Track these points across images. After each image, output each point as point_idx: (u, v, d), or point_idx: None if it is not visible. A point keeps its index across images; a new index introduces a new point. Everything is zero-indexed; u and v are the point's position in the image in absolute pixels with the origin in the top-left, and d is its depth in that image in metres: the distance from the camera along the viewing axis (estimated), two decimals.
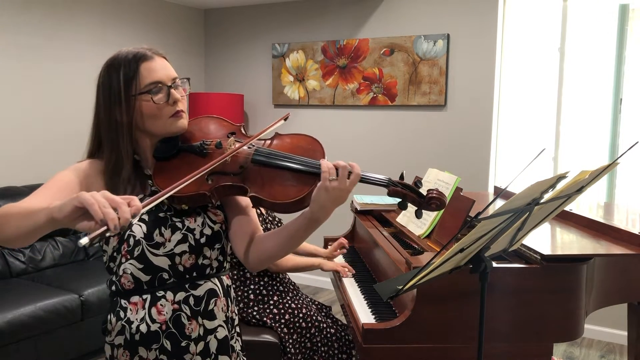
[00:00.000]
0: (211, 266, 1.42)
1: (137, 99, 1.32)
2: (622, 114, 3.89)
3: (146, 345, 1.36)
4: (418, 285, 1.45)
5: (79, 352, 3.44)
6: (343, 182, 1.24)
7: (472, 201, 2.12)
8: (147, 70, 1.33)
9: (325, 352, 2.55)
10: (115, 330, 1.38)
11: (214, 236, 1.41)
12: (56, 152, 4.26)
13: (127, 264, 1.34)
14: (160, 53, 1.39)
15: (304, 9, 4.97)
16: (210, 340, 1.41)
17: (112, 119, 1.33)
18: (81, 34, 4.41)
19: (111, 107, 1.33)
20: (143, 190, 1.38)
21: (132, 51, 1.36)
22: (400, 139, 4.59)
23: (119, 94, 1.32)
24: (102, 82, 1.35)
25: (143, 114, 1.33)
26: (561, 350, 3.75)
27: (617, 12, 3.87)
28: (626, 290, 2.22)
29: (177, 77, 1.38)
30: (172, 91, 1.34)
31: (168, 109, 1.34)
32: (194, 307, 1.38)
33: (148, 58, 1.35)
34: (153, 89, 1.33)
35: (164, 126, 1.35)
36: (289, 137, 1.43)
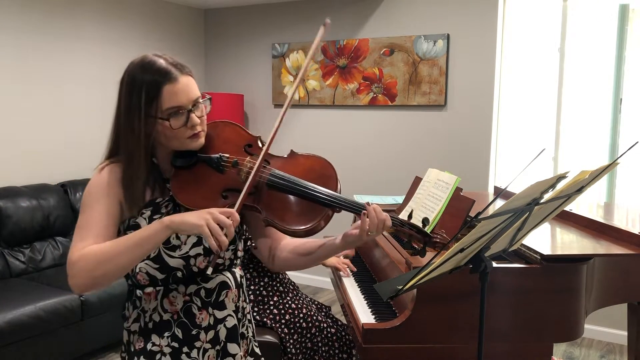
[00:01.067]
0: (224, 264, 1.48)
1: (157, 121, 1.34)
2: (622, 114, 3.89)
3: (159, 332, 1.42)
4: (418, 285, 1.45)
5: (79, 352, 3.44)
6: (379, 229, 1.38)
7: (472, 201, 2.12)
8: (169, 94, 1.33)
9: (326, 352, 2.55)
10: (131, 317, 1.46)
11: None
12: (56, 152, 4.26)
13: (143, 263, 1.39)
14: (185, 71, 1.38)
15: (304, 9, 4.97)
16: (220, 329, 1.46)
17: (130, 129, 1.36)
18: (81, 34, 4.40)
19: (131, 117, 1.35)
20: (162, 194, 1.42)
21: (157, 64, 1.35)
22: (400, 139, 4.59)
23: (139, 109, 1.34)
24: (126, 90, 1.36)
25: (161, 133, 1.36)
26: (561, 350, 3.75)
27: (617, 12, 3.87)
28: (626, 290, 2.22)
29: (199, 97, 1.39)
30: (192, 115, 1.36)
31: (186, 131, 1.37)
32: (205, 298, 1.44)
33: (172, 79, 1.34)
34: (173, 112, 1.34)
35: (181, 145, 1.39)
36: (304, 159, 1.46)
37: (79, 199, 4.11)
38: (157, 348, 1.42)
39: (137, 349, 1.43)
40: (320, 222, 1.35)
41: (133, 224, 1.38)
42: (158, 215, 1.39)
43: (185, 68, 1.39)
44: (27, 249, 3.80)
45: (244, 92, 5.29)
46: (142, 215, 1.38)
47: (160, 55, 1.38)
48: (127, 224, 1.39)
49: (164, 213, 1.39)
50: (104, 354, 3.63)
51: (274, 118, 5.48)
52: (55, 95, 4.25)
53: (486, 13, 4.15)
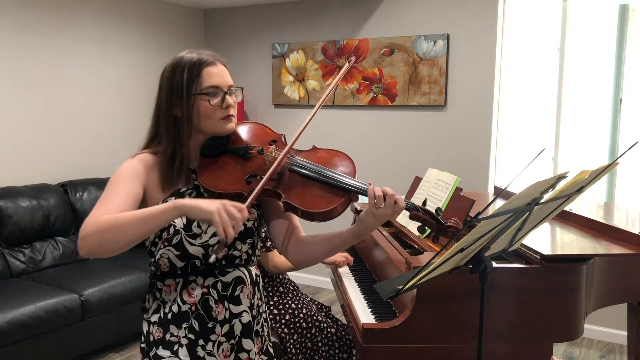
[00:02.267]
0: (240, 257, 1.53)
1: (196, 97, 1.46)
2: (622, 114, 3.89)
3: (177, 323, 1.48)
4: (418, 285, 1.45)
5: (79, 352, 3.44)
6: (389, 209, 1.38)
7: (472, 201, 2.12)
8: (209, 74, 1.48)
9: (326, 352, 2.55)
10: (151, 309, 1.53)
11: (247, 232, 1.53)
12: (57, 151, 4.26)
13: (165, 249, 1.46)
14: (222, 60, 1.54)
15: (304, 9, 4.97)
16: (235, 324, 1.52)
17: (172, 114, 1.48)
18: (81, 34, 4.41)
19: (172, 103, 1.47)
20: (187, 183, 1.50)
21: (196, 55, 1.50)
22: (400, 139, 4.59)
23: (181, 91, 1.46)
24: (167, 78, 1.49)
25: (199, 112, 1.47)
26: (561, 350, 3.75)
27: (617, 12, 3.87)
28: (626, 290, 2.22)
29: (233, 85, 1.53)
30: (227, 97, 1.49)
31: (221, 111, 1.48)
32: (222, 292, 1.50)
33: (211, 63, 1.50)
34: (211, 91, 1.47)
35: (214, 126, 1.49)
36: (325, 152, 1.57)
37: (79, 199, 4.12)
38: (175, 339, 1.48)
39: (156, 339, 1.49)
40: (337, 206, 1.41)
41: None
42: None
43: (222, 59, 1.55)
44: (27, 249, 3.80)
45: (244, 92, 5.29)
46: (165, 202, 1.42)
47: (199, 50, 1.53)
48: None
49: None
50: (104, 354, 3.63)
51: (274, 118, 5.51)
52: (55, 95, 4.25)
53: (486, 13, 4.15)
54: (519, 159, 4.25)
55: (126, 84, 4.78)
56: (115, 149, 4.63)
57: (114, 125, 4.68)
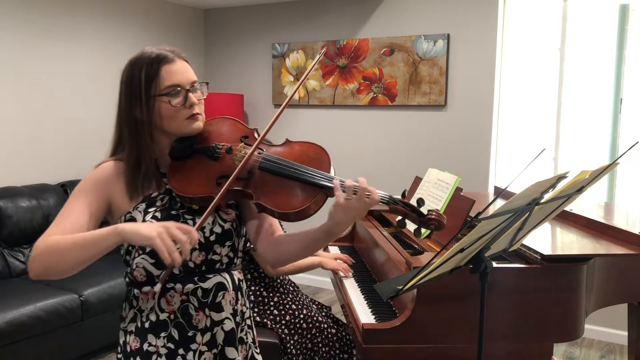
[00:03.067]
0: (221, 262, 1.46)
1: (155, 99, 1.38)
2: (622, 114, 3.89)
3: (155, 333, 1.41)
4: (418, 285, 1.45)
5: (79, 352, 3.44)
6: (361, 202, 1.29)
7: (472, 201, 2.12)
8: (168, 73, 1.39)
9: (327, 352, 2.55)
10: (128, 317, 1.45)
11: (224, 234, 1.45)
12: (57, 151, 4.26)
13: (140, 258, 1.40)
14: (182, 56, 1.45)
15: (304, 9, 4.97)
16: (217, 332, 1.44)
17: (132, 117, 1.40)
18: (82, 34, 4.40)
19: (132, 105, 1.39)
20: (158, 188, 1.43)
21: (155, 52, 1.42)
22: (400, 139, 4.59)
23: (139, 93, 1.38)
24: (125, 80, 1.41)
25: (161, 114, 1.39)
26: (561, 350, 3.75)
27: (617, 12, 3.87)
28: (626, 290, 2.22)
29: (196, 81, 1.43)
30: (190, 95, 1.40)
31: (185, 111, 1.40)
32: (202, 299, 1.42)
33: (169, 60, 1.40)
34: (171, 91, 1.38)
35: (179, 127, 1.41)
36: (298, 145, 1.47)
37: None
38: (154, 349, 1.41)
39: (133, 349, 1.42)
40: (311, 205, 1.33)
41: (129, 217, 1.39)
42: (153, 207, 1.39)
43: (182, 54, 1.46)
44: (27, 249, 3.80)
45: (244, 92, 5.29)
46: (137, 209, 1.39)
47: (158, 47, 1.45)
48: (123, 219, 1.40)
49: (159, 205, 1.40)
50: (104, 354, 3.63)
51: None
52: (55, 95, 4.25)
53: (486, 13, 4.15)
54: (519, 159, 4.25)
55: None
56: None
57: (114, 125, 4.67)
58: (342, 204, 1.29)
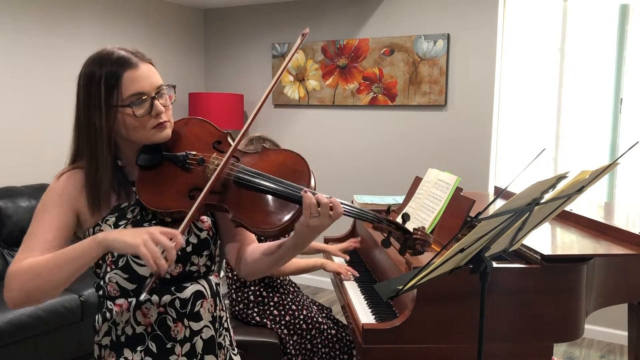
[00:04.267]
0: (199, 271, 1.40)
1: (118, 110, 1.27)
2: (622, 114, 3.89)
3: (131, 346, 1.34)
4: (418, 285, 1.45)
5: (79, 352, 3.44)
6: (325, 218, 1.21)
7: (472, 201, 2.12)
8: (130, 80, 1.27)
9: (326, 353, 2.54)
10: (102, 330, 1.37)
11: (201, 244, 1.38)
12: (56, 151, 4.25)
13: (112, 273, 1.32)
14: (146, 58, 1.33)
15: (304, 9, 4.97)
16: (197, 342, 1.38)
17: (91, 124, 1.28)
18: (81, 34, 4.40)
19: (90, 113, 1.28)
20: (128, 198, 1.34)
21: (115, 54, 1.30)
22: (400, 139, 4.59)
23: (99, 101, 1.26)
24: (83, 84, 1.31)
25: (125, 125, 1.28)
26: (561, 350, 3.75)
27: (617, 12, 3.87)
28: (626, 290, 2.22)
29: (163, 85, 1.32)
30: (156, 102, 1.29)
31: (151, 121, 1.29)
32: (180, 309, 1.35)
33: (132, 66, 1.28)
34: (135, 100, 1.27)
35: (145, 137, 1.31)
36: (276, 154, 1.36)
37: None
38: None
39: None
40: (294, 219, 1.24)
41: (98, 231, 1.30)
42: (124, 220, 1.31)
43: (146, 56, 1.34)
44: None
45: (244, 92, 5.29)
46: (106, 222, 1.31)
47: (119, 47, 1.33)
48: (92, 231, 1.31)
49: (130, 218, 1.32)
50: None
51: (274, 118, 5.49)
52: (55, 95, 4.25)
53: (486, 13, 4.15)
54: (519, 159, 4.24)
55: None
56: None
57: None
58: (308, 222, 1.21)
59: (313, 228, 1.22)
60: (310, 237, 1.26)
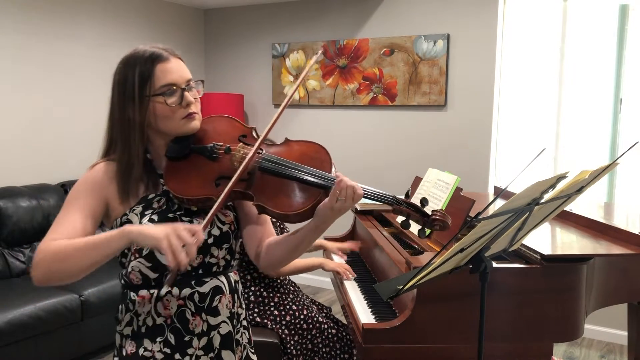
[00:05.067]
0: (218, 265, 1.44)
1: (150, 99, 1.35)
2: (622, 114, 3.89)
3: (151, 337, 1.39)
4: (418, 285, 1.45)
5: (79, 352, 3.44)
6: (349, 202, 1.27)
7: (472, 201, 2.12)
8: (162, 72, 1.36)
9: (327, 352, 2.55)
10: (124, 320, 1.43)
11: (222, 236, 1.43)
12: (56, 152, 4.26)
13: (136, 261, 1.38)
14: (176, 54, 1.42)
15: (304, 9, 4.97)
16: (214, 336, 1.42)
17: (125, 117, 1.37)
18: (81, 34, 4.40)
19: (125, 106, 1.36)
20: (155, 189, 1.40)
21: (148, 50, 1.39)
22: (400, 139, 4.59)
23: (132, 93, 1.35)
24: (118, 79, 1.39)
25: (156, 114, 1.36)
26: (561, 350, 3.75)
27: (617, 12, 3.87)
28: (626, 290, 2.22)
29: (192, 79, 1.41)
30: (186, 94, 1.37)
31: (181, 111, 1.37)
32: (199, 303, 1.40)
33: (164, 59, 1.38)
34: (167, 91, 1.35)
35: (176, 127, 1.38)
36: (298, 145, 1.45)
37: None
38: (149, 353, 1.38)
39: (129, 353, 1.40)
40: (316, 204, 1.31)
41: (125, 220, 1.37)
42: (150, 210, 1.37)
43: (176, 52, 1.43)
44: (27, 249, 3.80)
45: (244, 92, 5.29)
46: (133, 212, 1.37)
47: (151, 45, 1.42)
48: (119, 222, 1.37)
49: (156, 208, 1.37)
50: (104, 354, 3.63)
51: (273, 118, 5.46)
52: (55, 95, 4.25)
53: (486, 13, 4.15)
54: (519, 159, 4.25)
55: None
56: None
57: None
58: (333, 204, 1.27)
59: (336, 210, 1.28)
60: (331, 220, 1.31)
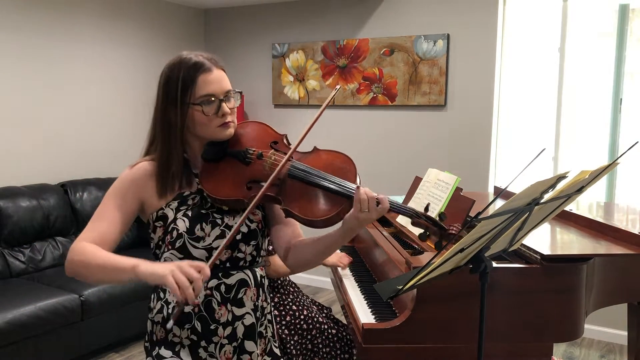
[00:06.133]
0: (245, 259, 1.53)
1: (190, 106, 1.44)
2: (622, 114, 3.89)
3: (179, 324, 1.48)
4: (418, 285, 1.45)
5: (79, 352, 3.44)
6: (373, 213, 1.36)
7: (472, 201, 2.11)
8: (204, 82, 1.44)
9: (327, 353, 2.55)
10: (155, 308, 1.52)
11: (250, 234, 1.52)
12: (56, 151, 4.26)
13: (169, 253, 1.48)
14: (219, 65, 1.51)
15: (304, 9, 4.97)
16: (238, 326, 1.51)
17: (166, 119, 1.47)
18: (81, 35, 4.40)
19: (167, 109, 1.46)
20: (189, 187, 1.51)
21: (193, 59, 1.47)
22: (400, 139, 4.59)
23: (175, 98, 1.44)
24: (163, 83, 1.48)
25: (194, 120, 1.46)
26: (561, 350, 3.75)
27: (617, 12, 3.87)
28: (626, 290, 2.22)
29: (231, 90, 1.50)
30: (223, 104, 1.46)
31: (217, 120, 1.46)
32: (225, 294, 1.49)
33: (207, 70, 1.46)
34: (206, 100, 1.44)
35: (211, 133, 1.47)
36: (325, 154, 1.55)
37: (79, 199, 4.12)
38: (177, 339, 1.49)
39: (159, 338, 1.50)
40: (339, 212, 1.39)
41: (161, 214, 1.47)
42: (185, 206, 1.47)
43: (219, 62, 1.52)
44: (27, 249, 3.80)
45: (244, 92, 5.29)
46: (169, 207, 1.47)
47: (197, 53, 1.50)
48: (155, 215, 1.48)
49: (190, 205, 1.48)
50: (104, 354, 3.63)
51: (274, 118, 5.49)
52: (55, 95, 4.25)
53: (486, 13, 4.15)
54: (519, 159, 4.24)
55: (126, 84, 4.77)
56: (115, 148, 4.63)
57: (113, 125, 4.68)
58: (358, 215, 1.35)
59: (362, 220, 1.37)
60: (358, 228, 1.40)
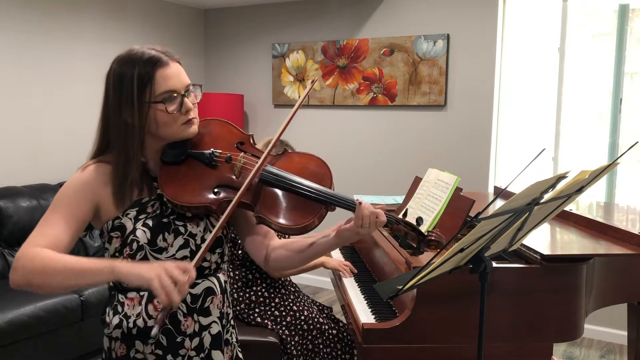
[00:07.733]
0: (210, 268, 1.44)
1: (149, 106, 1.32)
2: (622, 114, 3.89)
3: (142, 339, 1.36)
4: (418, 285, 1.45)
5: (79, 352, 3.44)
6: (372, 228, 1.32)
7: (472, 201, 2.11)
8: (162, 78, 1.32)
9: (328, 353, 2.54)
10: (112, 323, 1.39)
11: (215, 242, 1.41)
12: (56, 151, 4.26)
13: None
14: (175, 58, 1.39)
15: (304, 9, 4.97)
16: (205, 336, 1.42)
17: (122, 121, 1.33)
18: (81, 34, 4.40)
19: (122, 109, 1.32)
20: (149, 194, 1.38)
21: (147, 53, 1.35)
22: (400, 139, 4.59)
23: (131, 98, 1.31)
24: (114, 81, 1.34)
25: (156, 120, 1.33)
26: (561, 350, 3.75)
27: (617, 12, 3.87)
28: (626, 290, 2.22)
29: (190, 84, 1.38)
30: (186, 100, 1.35)
31: (181, 117, 1.35)
32: (191, 304, 1.39)
33: (164, 64, 1.34)
34: (167, 98, 1.32)
35: (175, 132, 1.36)
36: (298, 157, 1.44)
37: None
38: (141, 355, 1.37)
39: (119, 355, 1.38)
40: (314, 220, 1.32)
41: (118, 224, 1.35)
42: (144, 214, 1.35)
43: (175, 55, 1.40)
44: None
45: (244, 92, 5.29)
46: (127, 216, 1.35)
47: (148, 46, 1.39)
48: (111, 225, 1.35)
49: (150, 212, 1.36)
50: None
51: (274, 118, 5.48)
52: (55, 95, 4.25)
53: (486, 13, 4.15)
54: (519, 159, 4.25)
55: None
56: None
57: None
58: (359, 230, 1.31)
59: (361, 235, 1.33)
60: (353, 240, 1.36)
